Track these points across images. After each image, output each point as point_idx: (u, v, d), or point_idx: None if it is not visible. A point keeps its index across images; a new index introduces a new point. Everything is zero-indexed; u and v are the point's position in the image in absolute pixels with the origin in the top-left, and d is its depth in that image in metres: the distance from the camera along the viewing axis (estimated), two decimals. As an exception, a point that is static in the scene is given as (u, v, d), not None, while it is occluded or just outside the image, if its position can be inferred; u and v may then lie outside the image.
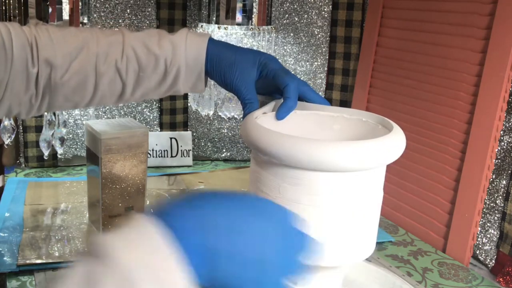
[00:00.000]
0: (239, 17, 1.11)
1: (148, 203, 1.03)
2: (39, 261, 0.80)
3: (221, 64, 0.72)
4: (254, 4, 1.11)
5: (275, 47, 1.29)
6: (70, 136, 1.23)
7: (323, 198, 0.58)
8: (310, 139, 0.58)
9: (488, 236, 0.91)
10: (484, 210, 0.91)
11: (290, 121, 0.69)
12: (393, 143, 0.60)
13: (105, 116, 1.25)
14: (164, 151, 1.27)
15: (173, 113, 1.30)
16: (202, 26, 1.16)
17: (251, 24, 1.12)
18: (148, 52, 0.71)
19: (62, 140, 1.10)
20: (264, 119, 0.67)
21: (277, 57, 1.29)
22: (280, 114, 0.68)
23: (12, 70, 0.65)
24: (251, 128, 0.61)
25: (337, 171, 0.57)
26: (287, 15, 1.29)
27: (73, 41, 0.69)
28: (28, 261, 0.80)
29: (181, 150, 1.28)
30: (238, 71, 0.72)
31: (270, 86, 0.74)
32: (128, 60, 0.70)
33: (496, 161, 0.89)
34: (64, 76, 0.68)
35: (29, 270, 0.79)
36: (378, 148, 0.58)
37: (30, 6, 0.94)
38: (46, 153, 1.10)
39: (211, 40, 0.74)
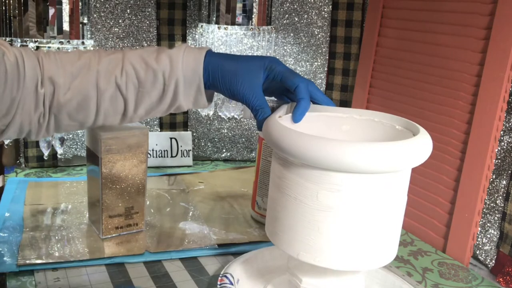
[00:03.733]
0: (239, 17, 1.11)
1: (148, 203, 1.04)
2: (39, 261, 0.80)
3: (224, 75, 0.72)
4: (254, 4, 1.11)
5: (275, 47, 1.29)
6: (70, 136, 1.23)
7: (352, 200, 0.58)
8: (343, 140, 0.57)
9: (488, 236, 0.91)
10: (484, 210, 0.91)
11: (300, 123, 0.68)
12: (423, 145, 0.59)
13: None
14: (164, 151, 1.27)
15: (173, 113, 1.30)
16: (202, 26, 1.16)
17: (251, 24, 1.12)
18: (147, 67, 0.71)
19: (62, 140, 1.10)
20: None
21: (277, 57, 1.30)
22: (297, 117, 0.68)
23: (24, 89, 0.67)
24: (283, 134, 0.60)
25: (364, 173, 0.56)
26: (287, 15, 1.29)
27: (76, 61, 0.71)
28: (28, 261, 0.80)
29: (181, 150, 1.28)
30: (243, 79, 0.71)
31: (276, 88, 0.73)
32: (127, 75, 0.71)
33: (496, 161, 0.89)
34: (66, 94, 0.70)
35: (29, 270, 0.79)
36: (410, 150, 0.57)
37: (30, 6, 0.94)
38: (46, 153, 1.10)
39: (210, 53, 0.73)
